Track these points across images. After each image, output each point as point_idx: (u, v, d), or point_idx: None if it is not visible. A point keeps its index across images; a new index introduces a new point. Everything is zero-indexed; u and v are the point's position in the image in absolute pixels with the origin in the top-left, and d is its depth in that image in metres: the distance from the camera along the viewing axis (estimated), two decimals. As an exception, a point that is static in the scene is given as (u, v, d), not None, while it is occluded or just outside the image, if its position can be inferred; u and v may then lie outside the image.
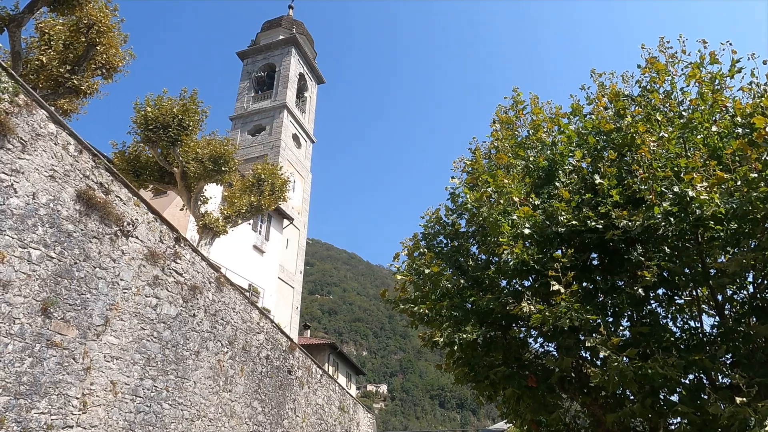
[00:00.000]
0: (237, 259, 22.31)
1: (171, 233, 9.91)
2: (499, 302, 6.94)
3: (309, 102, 35.51)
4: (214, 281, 11.08)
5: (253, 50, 34.94)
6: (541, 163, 8.25)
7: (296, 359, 14.49)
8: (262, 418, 12.10)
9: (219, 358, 10.75)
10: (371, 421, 21.55)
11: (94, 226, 8.22)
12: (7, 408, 6.48)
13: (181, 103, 17.45)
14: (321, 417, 15.75)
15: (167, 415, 9.07)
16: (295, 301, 28.71)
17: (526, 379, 6.94)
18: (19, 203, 7.09)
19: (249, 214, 19.29)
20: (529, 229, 7.03)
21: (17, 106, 7.32)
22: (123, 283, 8.60)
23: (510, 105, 10.12)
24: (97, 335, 7.93)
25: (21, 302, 6.88)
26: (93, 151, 8.43)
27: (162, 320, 9.31)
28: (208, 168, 17.45)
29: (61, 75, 13.53)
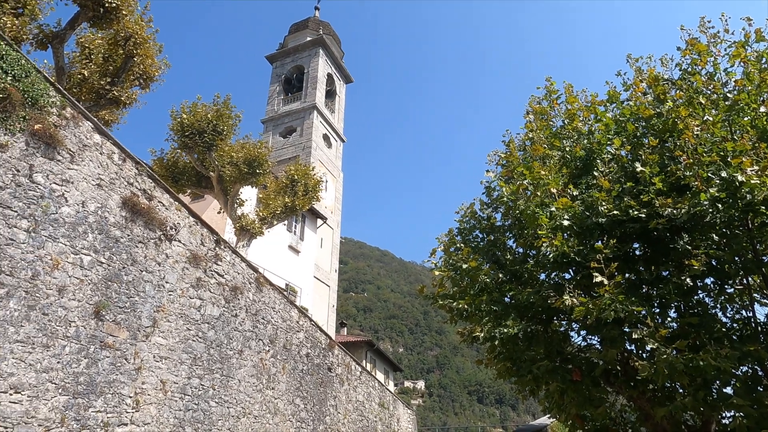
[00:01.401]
0: (274, 259, 22.71)
1: (211, 236, 10.18)
2: (540, 296, 6.85)
3: (338, 102, 35.76)
4: (254, 281, 11.33)
5: (281, 53, 35.41)
6: (578, 152, 8.08)
7: (335, 357, 14.67)
8: (304, 414, 12.32)
9: (261, 356, 11.00)
10: (411, 417, 21.60)
11: (140, 232, 8.53)
12: (67, 407, 6.81)
13: (215, 109, 17.89)
14: (362, 413, 15.90)
15: (214, 413, 9.35)
16: (331, 300, 29.02)
17: (570, 373, 6.82)
18: (70, 212, 7.42)
19: (284, 214, 19.61)
20: (569, 220, 6.90)
21: (65, 118, 7.65)
22: (168, 286, 8.90)
23: (543, 95, 9.95)
24: (146, 336, 8.23)
25: (75, 306, 7.21)
26: (135, 159, 8.74)
27: (206, 321, 9.60)
28: (243, 171, 17.83)
29: (102, 87, 14.05)
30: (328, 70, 35.01)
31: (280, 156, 31.02)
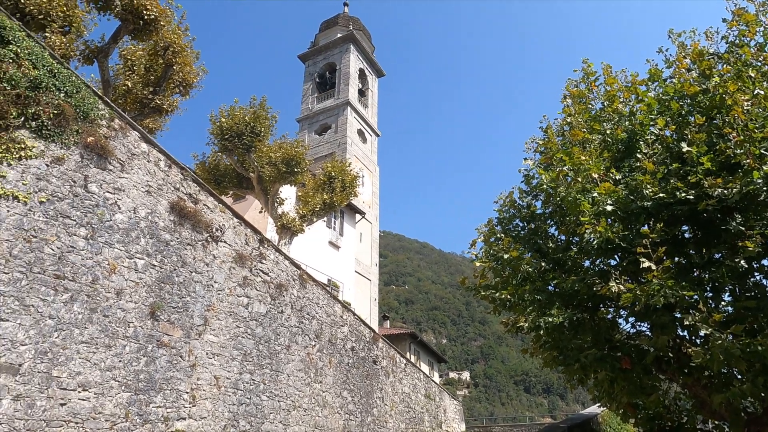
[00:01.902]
0: (315, 255, 23.09)
1: (255, 236, 10.47)
2: (585, 283, 6.73)
3: (371, 96, 35.84)
4: (298, 278, 11.59)
5: (313, 52, 35.75)
6: (619, 135, 7.85)
7: (380, 349, 14.85)
8: (352, 407, 12.55)
9: (308, 351, 11.27)
10: (458, 407, 21.62)
11: (188, 234, 8.88)
12: (130, 403, 7.21)
13: (252, 111, 18.29)
14: (408, 405, 16.04)
15: (266, 407, 9.66)
16: (372, 293, 29.28)
17: (620, 361, 6.68)
18: (123, 218, 7.80)
19: (323, 211, 19.88)
20: (612, 205, 6.74)
21: (113, 129, 8.03)
22: (217, 285, 9.23)
23: (581, 78, 9.71)
24: (198, 334, 8.59)
25: (132, 307, 7.60)
26: (180, 165, 9.08)
27: (254, 318, 9.91)
28: (281, 171, 18.18)
29: (145, 96, 14.60)
30: (360, 66, 35.11)
31: (317, 153, 31.40)
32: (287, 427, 10.11)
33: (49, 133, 7.05)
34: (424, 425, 16.87)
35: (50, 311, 6.50)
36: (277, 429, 9.81)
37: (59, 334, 6.53)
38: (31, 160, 6.75)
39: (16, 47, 6.85)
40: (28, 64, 6.95)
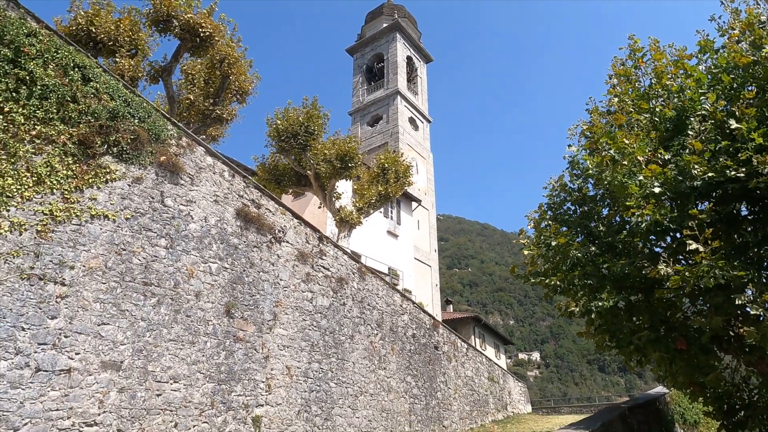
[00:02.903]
0: (374, 245, 23.73)
1: (314, 234, 11.13)
2: (635, 266, 6.77)
3: (420, 83, 35.83)
4: (357, 271, 12.18)
5: (360, 44, 36.16)
6: (667, 113, 7.72)
7: (441, 335, 15.26)
8: (416, 391, 13.08)
9: (371, 340, 11.88)
10: (523, 389, 21.70)
11: (253, 237, 9.64)
12: (214, 392, 8.07)
13: (305, 111, 19.01)
14: (472, 388, 16.39)
15: (334, 393, 10.38)
16: (433, 279, 29.64)
17: (675, 342, 6.70)
18: (196, 227, 8.63)
19: (378, 203, 20.39)
20: (660, 187, 6.71)
21: (182, 147, 8.85)
22: (282, 283, 9.97)
23: (627, 55, 9.51)
24: (269, 329, 9.37)
25: (210, 307, 8.44)
26: (242, 174, 9.83)
27: (318, 311, 10.60)
28: (336, 167, 18.82)
29: (207, 108, 15.64)
30: (407, 53, 35.15)
31: (370, 145, 31.95)
32: (356, 411, 10.80)
33: (128, 156, 7.93)
34: (488, 407, 17.18)
35: (142, 314, 7.41)
36: (346, 413, 10.52)
37: (151, 334, 7.43)
38: (115, 182, 7.65)
39: (96, 83, 7.74)
40: (107, 96, 7.83)
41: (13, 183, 6.50)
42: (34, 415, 5.96)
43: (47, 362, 6.22)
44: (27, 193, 6.61)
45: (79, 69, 7.61)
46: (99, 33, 13.64)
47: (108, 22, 13.83)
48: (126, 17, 14.19)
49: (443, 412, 14.06)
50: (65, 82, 7.32)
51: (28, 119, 6.82)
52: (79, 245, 6.92)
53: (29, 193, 6.63)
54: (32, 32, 7.18)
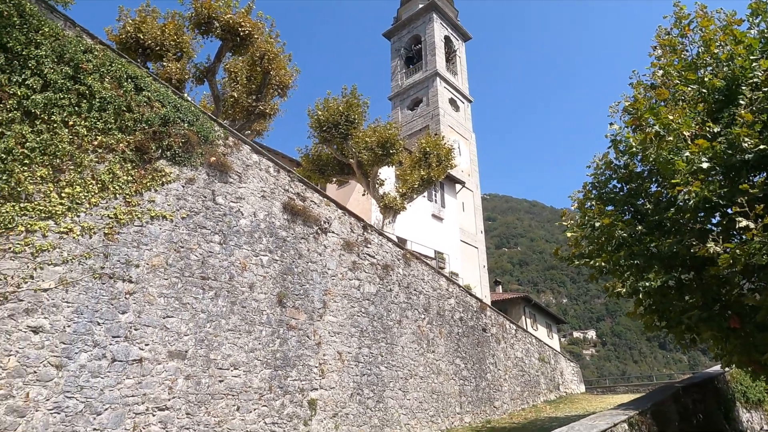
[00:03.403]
0: (419, 230, 23.87)
1: (358, 223, 11.41)
2: (683, 245, 6.62)
3: (459, 62, 35.28)
4: (402, 258, 12.41)
5: (396, 27, 35.91)
6: (716, 83, 7.40)
7: (488, 317, 15.31)
8: (466, 373, 13.27)
9: (418, 324, 12.12)
10: (575, 369, 21.44)
11: (300, 230, 10.02)
12: (271, 378, 8.56)
13: (344, 101, 19.25)
14: (522, 369, 16.39)
15: (385, 376, 10.72)
16: (480, 260, 29.51)
17: (729, 321, 6.54)
18: (246, 222, 9.07)
19: (421, 187, 20.47)
20: (708, 162, 6.51)
21: (229, 146, 9.28)
22: (330, 272, 10.33)
23: (672, 23, 9.11)
24: (320, 316, 9.77)
25: (263, 298, 8.90)
26: (287, 169, 10.19)
27: (366, 298, 10.93)
28: (378, 154, 19.01)
29: (250, 104, 16.14)
30: (445, 33, 34.63)
31: (411, 129, 31.89)
32: (406, 393, 11.12)
33: (181, 159, 8.41)
34: (540, 388, 17.14)
35: (201, 306, 7.93)
36: (397, 395, 10.86)
37: (210, 325, 7.95)
38: (170, 184, 8.16)
39: (147, 92, 8.23)
40: (158, 104, 8.32)
41: (81, 191, 7.08)
42: (113, 401, 6.57)
43: (121, 353, 6.81)
44: (94, 199, 7.18)
45: (132, 80, 8.10)
46: (146, 39, 14.31)
47: (154, 28, 14.47)
48: (170, 22, 14.78)
49: (494, 393, 14.19)
50: (120, 93, 7.83)
51: (90, 131, 7.37)
52: (142, 245, 7.47)
53: (96, 199, 7.20)
54: (88, 48, 7.70)
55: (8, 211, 6.33)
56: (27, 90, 6.76)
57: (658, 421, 6.87)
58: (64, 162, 7.00)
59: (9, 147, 6.46)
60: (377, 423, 10.21)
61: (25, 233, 6.40)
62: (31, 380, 5.96)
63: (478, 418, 13.06)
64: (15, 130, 6.58)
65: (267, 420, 8.31)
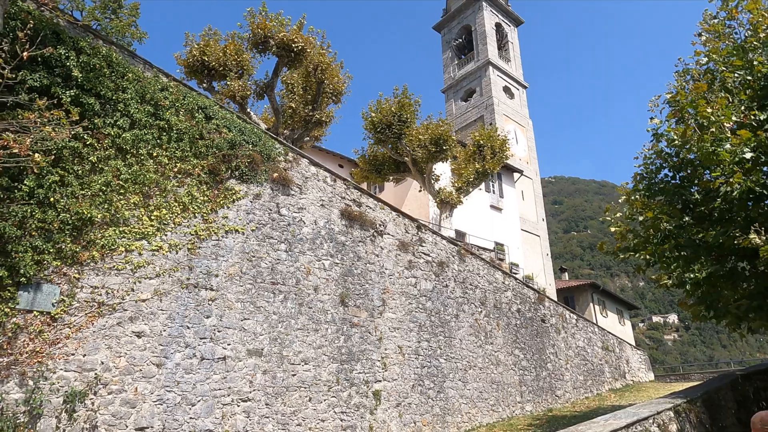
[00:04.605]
0: (478, 222, 24.09)
1: (412, 223, 12.02)
2: (728, 236, 6.69)
3: (512, 48, 34.78)
4: (456, 254, 12.89)
5: (446, 19, 35.92)
6: (762, 69, 7.32)
7: (547, 308, 15.44)
8: (525, 363, 13.57)
9: (475, 317, 12.58)
10: (642, 357, 20.91)
11: (358, 234, 10.77)
12: (338, 371, 9.40)
13: (396, 101, 19.84)
14: (584, 358, 16.37)
15: (444, 368, 11.31)
16: (543, 249, 29.22)
17: (778, 310, 6.56)
18: (308, 230, 9.94)
19: (477, 180, 20.72)
20: (752, 151, 6.53)
21: (289, 162, 10.17)
22: (387, 271, 11.03)
23: (719, 7, 8.96)
24: (380, 314, 10.50)
25: (327, 299, 9.74)
26: (343, 178, 10.96)
27: (422, 294, 11.55)
28: (431, 151, 19.47)
29: (307, 114, 17.13)
30: (495, 20, 34.25)
31: (466, 120, 31.95)
32: (466, 384, 11.66)
33: (248, 177, 9.38)
34: (604, 376, 17.02)
35: (273, 309, 8.88)
36: (457, 386, 11.42)
37: (282, 325, 8.89)
38: (240, 200, 9.14)
39: (216, 120, 9.24)
40: (225, 129, 9.32)
41: (167, 212, 8.18)
42: (204, 393, 7.63)
43: (208, 352, 7.86)
44: (177, 219, 8.27)
45: (202, 110, 9.13)
46: (211, 61, 15.60)
47: (216, 50, 15.73)
48: (230, 43, 15.98)
49: (555, 382, 14.38)
50: (193, 124, 8.88)
51: (170, 159, 8.45)
52: (219, 257, 8.50)
53: (179, 219, 8.29)
54: (164, 87, 8.79)
55: (111, 235, 7.49)
56: (118, 130, 7.90)
57: (711, 409, 6.94)
58: (151, 189, 8.11)
59: (108, 180, 7.62)
60: (438, 412, 10.84)
61: (125, 252, 7.55)
62: (138, 377, 7.10)
63: (539, 407, 13.35)
64: (111, 165, 7.74)
65: (336, 410, 9.17)
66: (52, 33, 7.50)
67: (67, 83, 7.48)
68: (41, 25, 7.34)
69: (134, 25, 16.25)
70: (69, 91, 7.40)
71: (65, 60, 7.46)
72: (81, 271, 7.04)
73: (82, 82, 7.59)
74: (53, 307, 6.73)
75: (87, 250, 7.17)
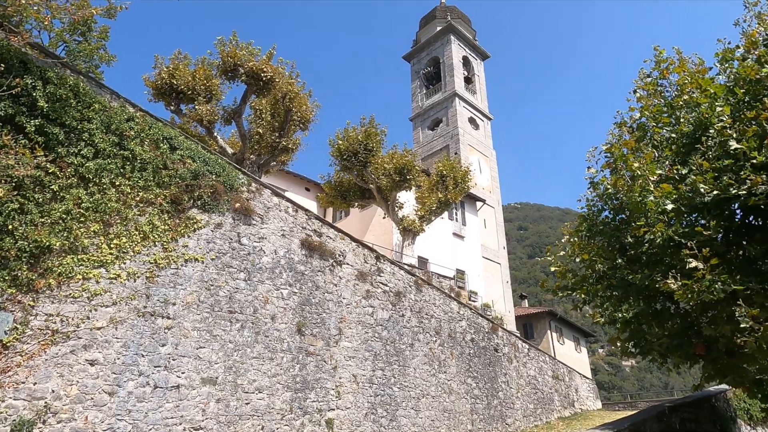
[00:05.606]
0: (441, 249, 24.67)
1: (371, 254, 12.42)
2: (651, 279, 7.33)
3: (477, 81, 36.11)
4: (413, 284, 13.32)
5: (415, 50, 37.10)
6: (683, 129, 8.11)
7: (500, 338, 16.00)
8: (477, 392, 14.00)
9: (430, 346, 12.98)
10: (591, 386, 21.71)
11: (317, 263, 11.09)
12: (292, 400, 9.59)
13: (363, 130, 20.43)
14: (535, 386, 16.95)
15: (398, 396, 11.62)
16: (503, 276, 30.02)
17: (695, 348, 7.20)
18: (268, 260, 10.20)
19: (439, 209, 21.37)
20: (673, 203, 7.22)
21: (252, 192, 10.46)
22: (345, 301, 11.34)
23: (652, 67, 9.82)
24: (335, 342, 10.78)
25: (284, 327, 9.97)
26: (304, 208, 11.31)
27: (379, 324, 11.89)
28: (395, 180, 20.06)
29: (274, 141, 17.45)
30: (463, 54, 35.58)
31: (432, 149, 32.84)
32: (418, 412, 11.98)
33: (210, 207, 9.62)
34: (554, 405, 17.62)
35: (229, 337, 9.06)
36: (409, 414, 11.73)
37: (237, 354, 9.06)
38: (201, 229, 9.36)
39: (180, 150, 9.49)
40: (190, 160, 9.57)
41: (127, 241, 8.34)
42: (156, 422, 7.72)
43: (162, 380, 7.97)
44: (137, 247, 8.43)
45: (167, 140, 9.37)
46: (180, 84, 15.80)
47: (186, 74, 15.95)
48: (200, 67, 16.24)
49: (506, 410, 14.85)
50: (158, 154, 9.11)
51: (133, 188, 8.64)
52: (177, 285, 8.67)
53: (138, 248, 8.45)
54: (130, 117, 9.02)
55: (69, 263, 7.60)
56: (82, 159, 8.07)
57: (636, 440, 7.50)
58: (112, 217, 8.26)
59: (68, 208, 7.75)
60: (391, 440, 11.11)
61: (82, 280, 7.65)
62: (89, 405, 7.16)
63: (491, 435, 13.76)
64: (73, 193, 7.88)
65: (289, 438, 9.33)
66: (20, 62, 7.68)
67: (32, 112, 7.64)
68: (8, 54, 7.52)
69: (103, 48, 16.35)
70: (34, 120, 7.56)
71: (32, 90, 7.63)
72: (36, 299, 7.11)
73: (48, 111, 7.76)
74: (5, 335, 6.77)
75: (43, 277, 7.26)
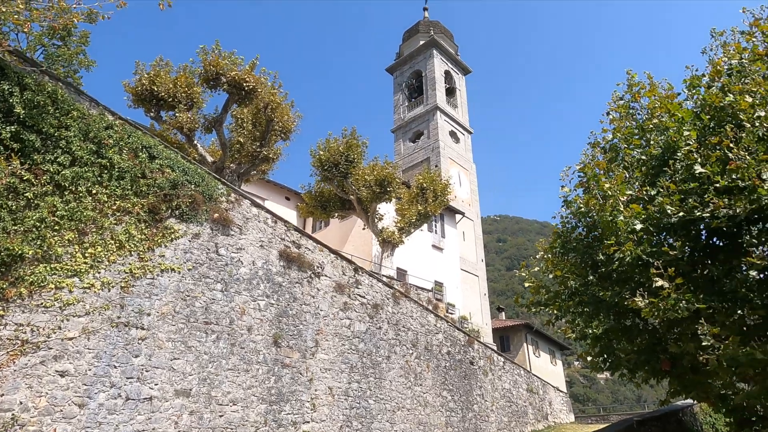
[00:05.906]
0: (419, 261, 24.82)
1: (350, 266, 12.47)
2: (620, 296, 7.56)
3: (459, 95, 36.64)
4: (391, 297, 13.41)
5: (398, 63, 37.50)
6: (652, 151, 8.41)
7: (476, 351, 16.16)
8: (452, 405, 14.10)
9: (406, 359, 13.05)
10: (564, 399, 22.03)
11: (295, 275, 11.10)
12: (267, 412, 9.54)
13: (345, 141, 20.55)
14: (510, 399, 17.13)
15: (373, 409, 11.63)
16: (481, 289, 30.29)
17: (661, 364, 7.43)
18: (246, 270, 10.18)
19: (419, 221, 21.54)
20: (642, 223, 7.47)
21: (231, 202, 10.45)
22: (322, 312, 11.36)
23: (625, 89, 10.16)
24: (312, 354, 10.77)
25: (260, 339, 9.94)
26: (284, 220, 11.33)
27: (356, 336, 11.92)
28: (376, 191, 20.19)
29: (255, 150, 17.43)
30: (445, 68, 36.09)
31: (413, 161, 33.12)
32: (393, 425, 12.00)
33: (188, 217, 9.58)
34: (528, 418, 17.82)
35: (204, 349, 8.99)
36: (384, 427, 11.75)
37: (212, 365, 9.00)
38: (178, 239, 9.31)
39: (159, 160, 9.45)
40: (169, 169, 9.53)
41: (102, 250, 8.25)
42: (127, 435, 7.60)
43: (134, 392, 7.87)
44: (112, 257, 8.34)
45: (147, 149, 9.33)
46: (160, 91, 15.71)
47: (167, 81, 15.87)
48: (181, 75, 16.17)
49: (480, 423, 14.97)
50: (136, 163, 9.06)
51: (110, 197, 8.56)
52: (153, 295, 8.59)
53: (114, 257, 8.36)
54: (109, 125, 8.96)
55: (41, 272, 7.49)
56: (58, 166, 7.99)
57: (604, 454, 7.68)
58: (87, 226, 8.18)
59: (43, 216, 7.65)
60: (366, 453, 11.11)
61: (54, 290, 7.54)
62: (58, 417, 7.04)
63: (465, 448, 13.85)
64: (48, 201, 7.79)
65: (262, 451, 9.27)
66: (-3, 68, 7.61)
67: (8, 118, 7.56)
68: (-15, 60, 7.44)
69: (83, 53, 16.18)
70: (9, 126, 7.48)
71: (8, 96, 7.55)
72: (6, 308, 6.99)
73: (24, 118, 7.68)
74: (-27, 345, 6.63)
75: (14, 286, 7.14)
